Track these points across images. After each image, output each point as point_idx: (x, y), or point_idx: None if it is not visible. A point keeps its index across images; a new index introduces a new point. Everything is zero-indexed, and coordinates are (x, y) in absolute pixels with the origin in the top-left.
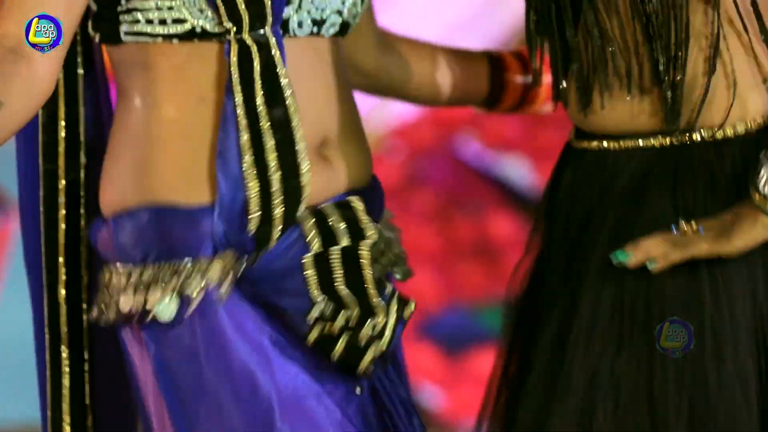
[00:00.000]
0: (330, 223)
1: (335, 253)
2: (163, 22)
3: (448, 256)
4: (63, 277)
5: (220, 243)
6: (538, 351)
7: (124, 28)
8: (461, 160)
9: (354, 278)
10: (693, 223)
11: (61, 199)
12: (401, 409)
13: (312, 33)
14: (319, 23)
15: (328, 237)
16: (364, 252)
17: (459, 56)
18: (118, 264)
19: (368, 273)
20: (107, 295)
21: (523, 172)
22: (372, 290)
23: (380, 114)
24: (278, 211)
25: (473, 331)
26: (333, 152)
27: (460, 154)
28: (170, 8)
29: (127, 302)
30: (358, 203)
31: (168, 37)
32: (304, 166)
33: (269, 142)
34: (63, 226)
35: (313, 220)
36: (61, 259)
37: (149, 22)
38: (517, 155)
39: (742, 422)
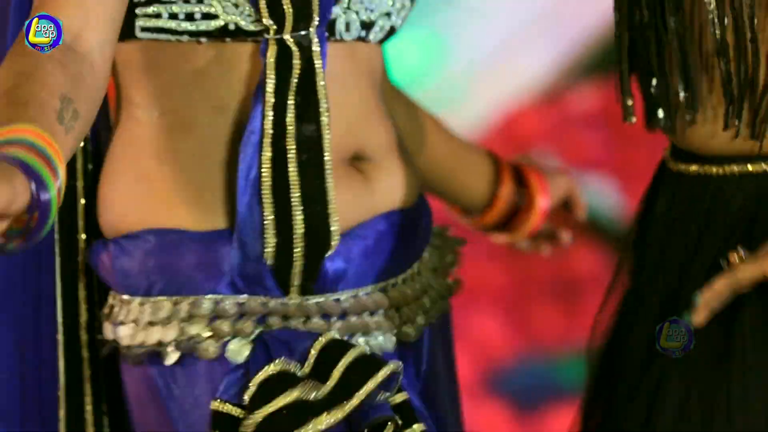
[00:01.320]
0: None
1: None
2: (190, 17)
3: (519, 296)
4: (84, 316)
5: (237, 275)
6: (627, 412)
7: (140, 22)
8: None
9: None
10: (740, 250)
11: (81, 221)
12: None
13: (359, 37)
14: (367, 26)
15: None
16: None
17: (463, 143)
18: (124, 294)
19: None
20: (109, 325)
21: (609, 195)
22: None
23: None
24: (299, 240)
25: (549, 385)
26: (371, 167)
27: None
28: (200, 1)
29: (143, 336)
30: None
31: (195, 35)
32: (331, 192)
33: (293, 162)
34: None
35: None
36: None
37: (173, 16)
38: (601, 175)
39: None
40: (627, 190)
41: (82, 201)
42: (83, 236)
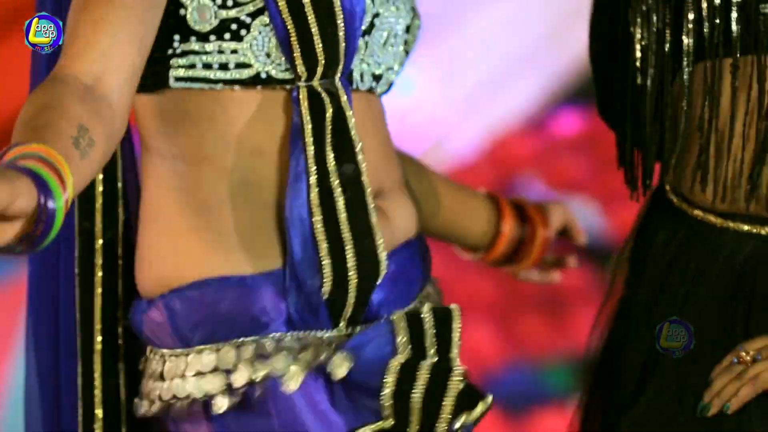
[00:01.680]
0: (423, 328)
1: (425, 368)
2: (224, 66)
3: (508, 307)
4: (98, 347)
5: (294, 311)
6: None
7: (175, 72)
8: None
9: (433, 398)
10: (749, 350)
11: (98, 260)
12: None
13: (370, 88)
14: (377, 78)
15: (418, 343)
16: (454, 380)
17: (456, 187)
18: (169, 349)
19: (449, 402)
20: (159, 383)
21: (591, 215)
22: (445, 418)
23: (437, 154)
24: (353, 273)
25: (536, 391)
26: (388, 204)
27: (522, 196)
28: (234, 51)
29: (194, 387)
30: (456, 314)
31: (229, 83)
32: (376, 226)
33: (340, 200)
34: (99, 290)
35: (405, 321)
36: (98, 326)
37: (207, 66)
38: (583, 197)
39: None
40: (607, 209)
41: (100, 240)
42: (100, 274)
